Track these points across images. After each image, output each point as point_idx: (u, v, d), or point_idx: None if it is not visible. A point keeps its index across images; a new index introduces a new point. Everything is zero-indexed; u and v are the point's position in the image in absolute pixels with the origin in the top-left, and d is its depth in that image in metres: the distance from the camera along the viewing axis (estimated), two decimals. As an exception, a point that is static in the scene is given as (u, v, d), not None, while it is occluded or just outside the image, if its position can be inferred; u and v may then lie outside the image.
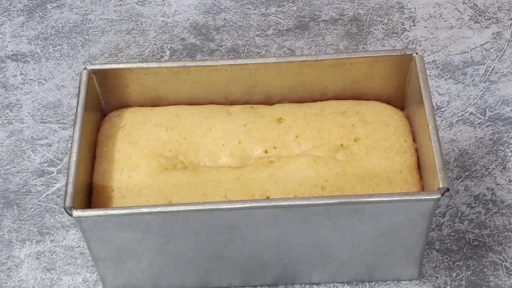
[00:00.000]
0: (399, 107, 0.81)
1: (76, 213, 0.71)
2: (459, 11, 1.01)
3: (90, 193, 0.77)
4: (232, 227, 0.73)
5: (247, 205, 0.71)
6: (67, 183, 0.72)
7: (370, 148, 0.78)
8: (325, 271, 0.80)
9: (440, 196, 0.70)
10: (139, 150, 0.79)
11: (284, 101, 0.83)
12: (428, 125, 0.74)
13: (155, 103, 0.83)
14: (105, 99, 0.82)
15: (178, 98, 0.83)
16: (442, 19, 1.00)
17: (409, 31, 0.99)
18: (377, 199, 0.71)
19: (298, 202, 0.71)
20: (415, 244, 0.76)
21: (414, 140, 0.78)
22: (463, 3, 1.02)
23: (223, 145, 0.79)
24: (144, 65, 0.81)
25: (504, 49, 0.98)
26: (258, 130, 0.80)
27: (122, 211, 0.72)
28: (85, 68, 0.79)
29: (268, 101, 0.83)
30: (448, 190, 0.70)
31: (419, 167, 0.77)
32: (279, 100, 0.83)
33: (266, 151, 0.79)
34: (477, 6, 1.02)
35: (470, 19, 1.01)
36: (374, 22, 1.00)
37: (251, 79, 0.81)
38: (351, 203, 0.71)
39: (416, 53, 0.79)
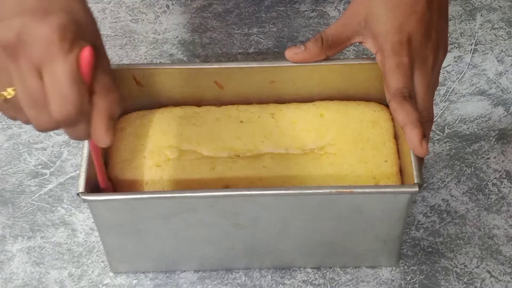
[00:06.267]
0: None
1: (88, 197, 0.73)
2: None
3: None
4: (236, 213, 0.74)
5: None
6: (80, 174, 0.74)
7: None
8: (313, 257, 0.82)
9: (417, 189, 0.72)
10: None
11: (284, 101, 0.83)
12: None
13: (155, 104, 0.84)
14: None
15: (176, 99, 0.83)
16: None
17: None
18: (359, 190, 0.72)
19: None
20: (393, 232, 0.78)
21: None
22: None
23: (223, 143, 0.80)
24: (150, 66, 0.82)
25: (464, 71, 1.00)
26: (257, 131, 0.80)
27: (129, 196, 0.74)
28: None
29: (268, 102, 0.83)
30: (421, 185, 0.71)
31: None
32: (278, 101, 0.83)
33: (266, 151, 0.79)
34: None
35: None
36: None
37: (252, 81, 0.82)
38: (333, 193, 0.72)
39: None
